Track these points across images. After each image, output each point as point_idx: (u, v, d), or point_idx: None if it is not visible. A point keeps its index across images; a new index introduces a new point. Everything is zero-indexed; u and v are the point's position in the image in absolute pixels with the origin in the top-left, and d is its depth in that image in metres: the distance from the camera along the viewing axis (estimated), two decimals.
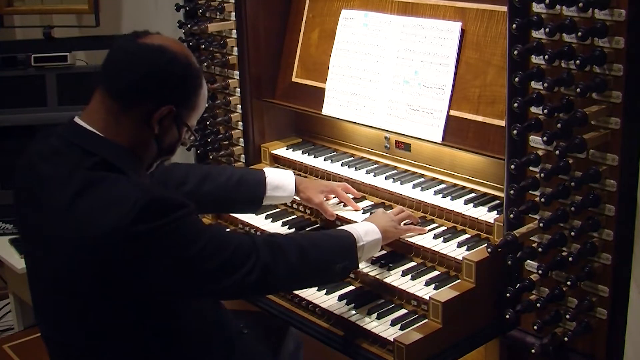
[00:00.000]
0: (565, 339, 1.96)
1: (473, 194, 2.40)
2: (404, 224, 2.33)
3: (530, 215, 2.00)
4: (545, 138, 1.86)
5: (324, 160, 2.78)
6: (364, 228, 2.17)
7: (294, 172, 2.81)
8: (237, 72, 2.93)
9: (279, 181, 2.51)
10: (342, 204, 2.56)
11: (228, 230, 2.72)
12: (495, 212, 2.28)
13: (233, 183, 2.45)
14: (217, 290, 1.88)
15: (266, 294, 2.34)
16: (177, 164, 2.58)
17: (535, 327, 2.01)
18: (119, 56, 1.88)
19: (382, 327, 2.09)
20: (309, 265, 2.00)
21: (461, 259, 2.13)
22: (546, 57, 1.85)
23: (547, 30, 1.84)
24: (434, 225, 2.37)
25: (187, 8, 3.02)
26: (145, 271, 1.75)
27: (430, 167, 2.56)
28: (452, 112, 2.36)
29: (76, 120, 1.88)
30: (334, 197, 2.58)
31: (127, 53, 1.87)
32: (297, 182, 2.53)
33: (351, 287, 2.30)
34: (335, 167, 2.72)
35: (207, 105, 2.93)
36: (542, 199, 1.90)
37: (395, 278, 2.22)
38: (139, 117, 1.85)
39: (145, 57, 1.85)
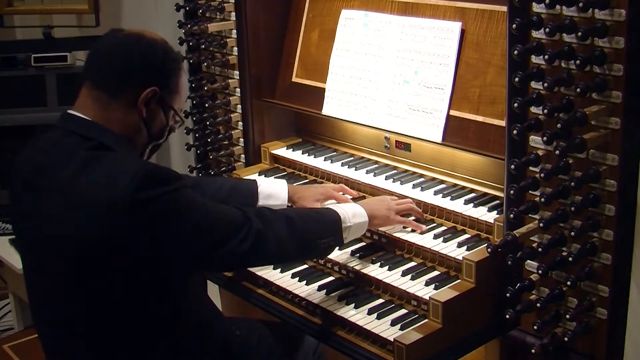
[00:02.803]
0: (565, 339, 1.95)
1: (473, 194, 2.40)
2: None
3: (530, 215, 2.00)
4: (545, 138, 1.86)
5: (324, 160, 2.78)
6: (353, 210, 2.23)
7: (293, 172, 2.83)
8: (237, 72, 2.92)
9: (271, 190, 2.49)
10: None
11: None
12: (495, 212, 2.28)
13: (224, 193, 2.44)
14: (211, 260, 1.95)
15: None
16: None
17: (535, 327, 2.01)
18: (100, 49, 1.99)
19: (382, 327, 2.09)
20: (296, 236, 2.06)
21: (461, 259, 2.13)
22: (546, 57, 1.85)
23: (547, 30, 1.84)
24: (434, 225, 2.37)
25: (187, 8, 3.02)
26: (147, 242, 1.80)
27: (430, 167, 2.56)
28: (452, 112, 2.36)
29: (70, 112, 1.96)
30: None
31: (107, 45, 1.98)
32: (291, 192, 2.50)
33: (351, 287, 2.30)
34: (335, 167, 2.72)
35: (208, 106, 3.00)
36: (542, 199, 1.90)
37: (395, 278, 2.22)
38: (126, 102, 1.94)
39: (124, 45, 1.96)
